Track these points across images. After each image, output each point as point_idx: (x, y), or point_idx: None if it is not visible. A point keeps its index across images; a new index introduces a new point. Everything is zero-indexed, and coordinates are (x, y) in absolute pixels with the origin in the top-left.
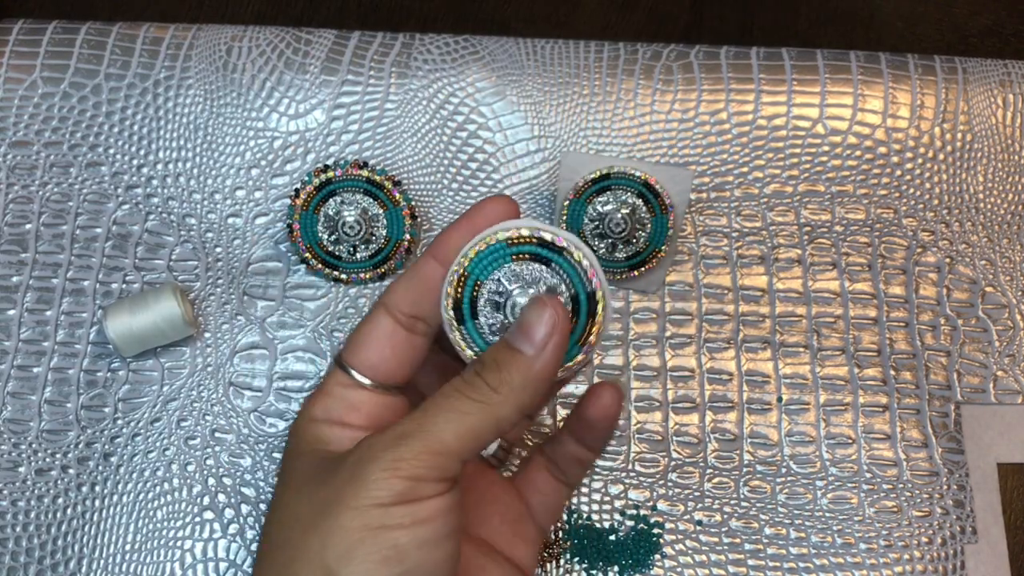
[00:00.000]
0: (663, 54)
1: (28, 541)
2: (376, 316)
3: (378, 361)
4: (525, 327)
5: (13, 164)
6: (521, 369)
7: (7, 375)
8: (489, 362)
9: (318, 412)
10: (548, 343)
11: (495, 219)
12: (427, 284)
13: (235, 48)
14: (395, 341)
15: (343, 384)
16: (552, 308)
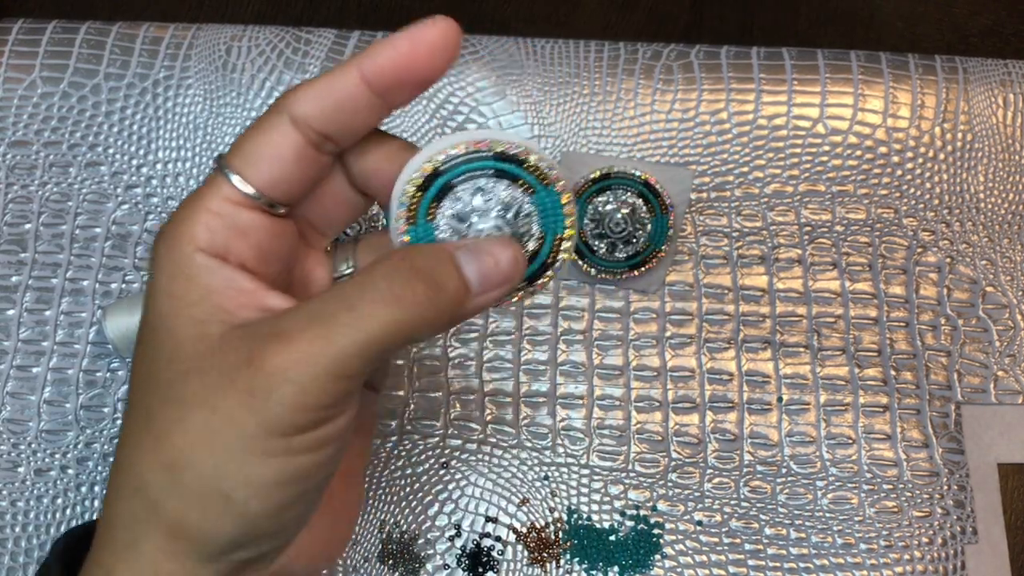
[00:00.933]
0: (663, 54)
1: (27, 541)
2: (280, 128)
3: (279, 178)
4: (486, 264)
5: (12, 164)
6: (457, 301)
7: (6, 375)
8: (426, 274)
9: (201, 235)
10: (491, 292)
11: (440, 47)
12: (346, 102)
13: (235, 48)
14: (301, 158)
15: (231, 200)
16: (516, 255)
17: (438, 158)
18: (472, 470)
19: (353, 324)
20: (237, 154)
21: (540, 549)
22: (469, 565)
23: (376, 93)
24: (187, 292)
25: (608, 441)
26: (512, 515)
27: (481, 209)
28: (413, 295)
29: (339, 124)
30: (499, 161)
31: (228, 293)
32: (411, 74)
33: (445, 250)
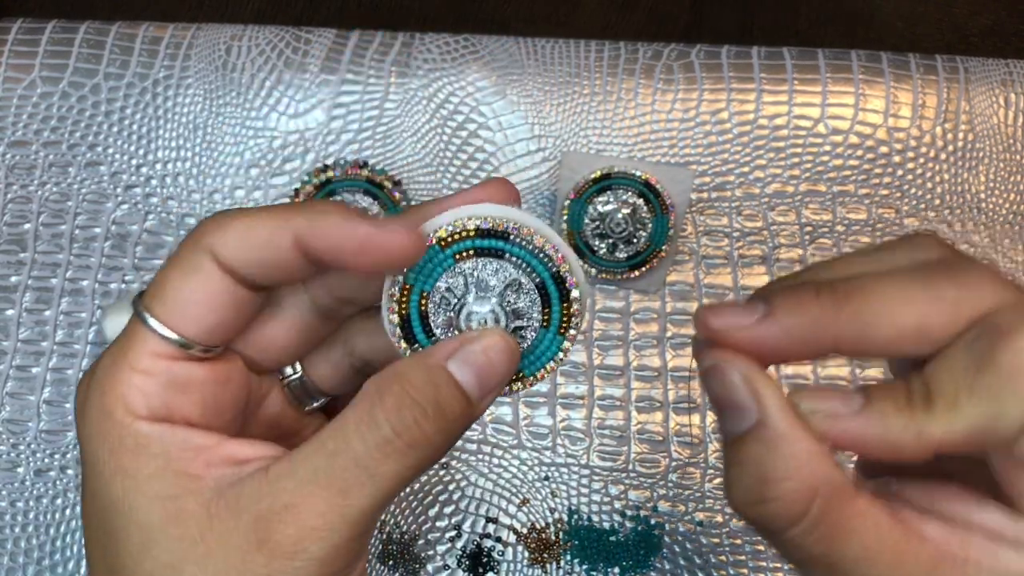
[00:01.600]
0: (664, 54)
1: (27, 542)
2: (203, 270)
3: (209, 323)
4: (483, 370)
5: (12, 164)
6: (466, 416)
7: (6, 375)
8: (433, 408)
9: (135, 400)
10: (493, 393)
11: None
12: (273, 258)
13: (235, 47)
14: (231, 299)
15: (163, 356)
16: (508, 346)
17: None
18: (472, 470)
19: (367, 483)
20: (158, 298)
21: (540, 550)
22: (469, 566)
23: (307, 260)
24: (140, 466)
25: (608, 441)
26: (512, 516)
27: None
28: (423, 435)
29: (265, 275)
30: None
31: (187, 455)
32: (348, 267)
33: (439, 367)
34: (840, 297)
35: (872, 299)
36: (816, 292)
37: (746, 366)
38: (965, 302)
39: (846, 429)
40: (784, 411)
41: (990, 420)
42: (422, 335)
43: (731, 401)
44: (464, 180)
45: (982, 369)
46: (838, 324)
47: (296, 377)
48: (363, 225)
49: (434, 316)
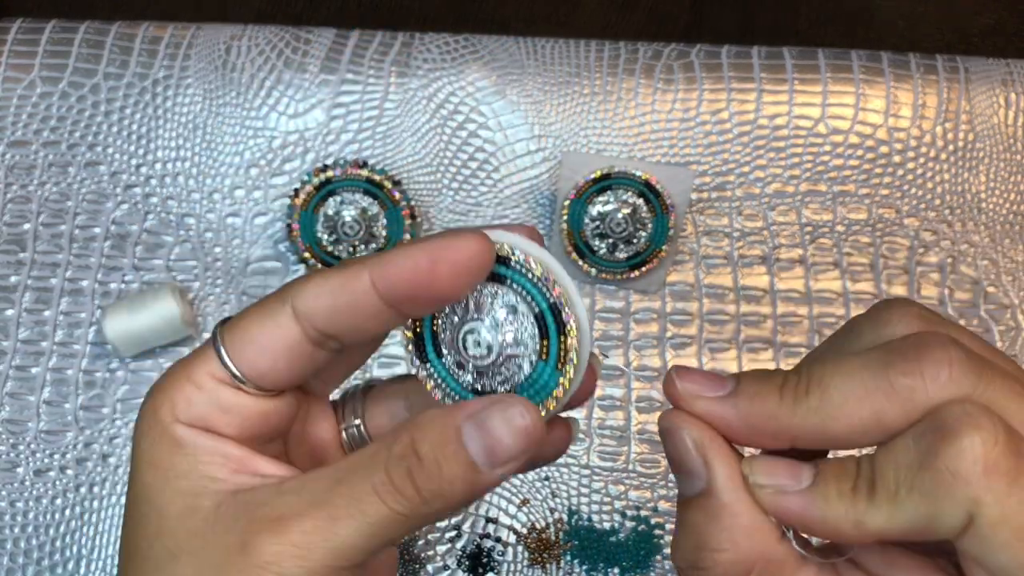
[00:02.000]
0: (664, 53)
1: (27, 542)
2: (279, 318)
3: (268, 370)
4: (494, 444)
5: (12, 164)
6: (467, 487)
7: (5, 375)
8: (430, 461)
9: (181, 406)
10: (507, 467)
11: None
12: (354, 306)
13: (234, 47)
14: (297, 354)
15: (218, 379)
16: (531, 425)
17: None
18: None
19: (356, 515)
20: (234, 332)
21: (540, 550)
22: (469, 566)
23: (387, 304)
24: (173, 463)
25: (609, 441)
26: (512, 516)
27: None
28: (413, 488)
29: (344, 326)
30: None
31: (216, 460)
32: (427, 292)
33: (454, 426)
34: (800, 392)
35: (828, 394)
36: (781, 384)
37: (699, 432)
38: (919, 393)
39: (789, 508)
40: (731, 481)
41: (928, 520)
42: (432, 352)
43: (682, 465)
44: (464, 180)
45: (923, 467)
46: (795, 420)
47: (356, 425)
48: (430, 244)
49: (442, 335)
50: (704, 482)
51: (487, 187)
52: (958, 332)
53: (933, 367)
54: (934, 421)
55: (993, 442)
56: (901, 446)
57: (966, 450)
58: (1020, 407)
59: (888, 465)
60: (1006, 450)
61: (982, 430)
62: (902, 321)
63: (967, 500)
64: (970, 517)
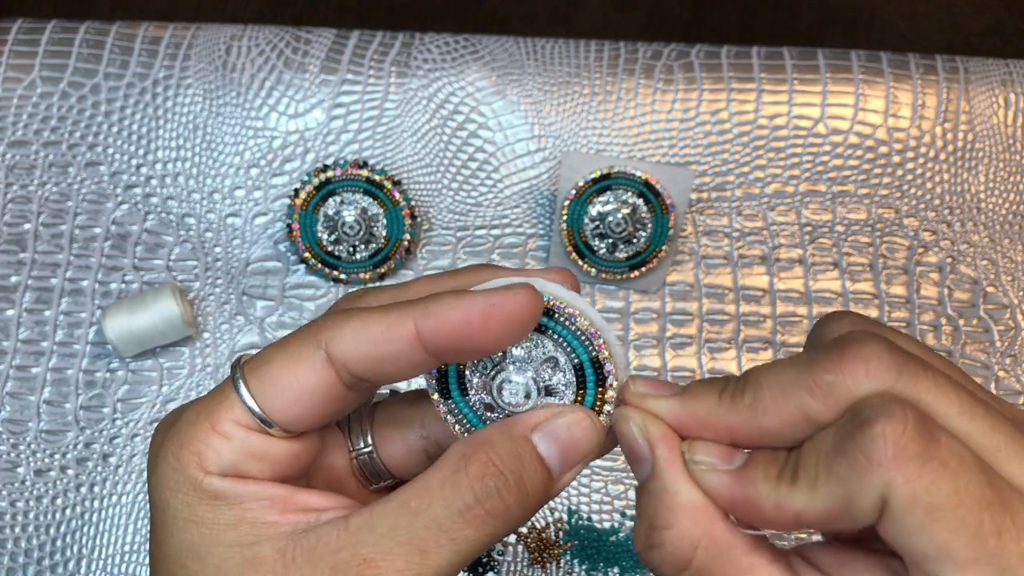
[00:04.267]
0: (664, 53)
1: (27, 542)
2: (313, 362)
3: (302, 415)
4: (569, 448)
5: (12, 164)
6: (546, 491)
7: (6, 375)
8: (515, 479)
9: (211, 459)
10: (574, 470)
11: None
12: (394, 355)
13: (234, 47)
14: (331, 398)
15: (245, 426)
16: (593, 424)
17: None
18: None
19: (447, 545)
20: (257, 373)
21: (540, 550)
22: (469, 566)
23: (429, 353)
24: (218, 517)
25: None
26: None
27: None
28: (504, 505)
29: (380, 372)
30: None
31: (262, 504)
32: (474, 344)
33: (524, 438)
34: (737, 392)
35: (760, 394)
36: (722, 387)
37: (643, 418)
38: (840, 387)
39: (716, 485)
40: (672, 463)
41: (843, 503)
42: (456, 390)
43: (630, 450)
44: (464, 180)
45: (839, 453)
46: (731, 417)
47: (366, 451)
48: (481, 296)
49: (471, 375)
50: (650, 465)
51: (487, 187)
52: (890, 332)
53: (853, 363)
54: (852, 413)
55: (903, 427)
56: (823, 436)
57: (878, 436)
58: (938, 399)
59: (810, 453)
60: (916, 435)
61: (893, 417)
62: (837, 328)
63: (879, 483)
64: (883, 500)
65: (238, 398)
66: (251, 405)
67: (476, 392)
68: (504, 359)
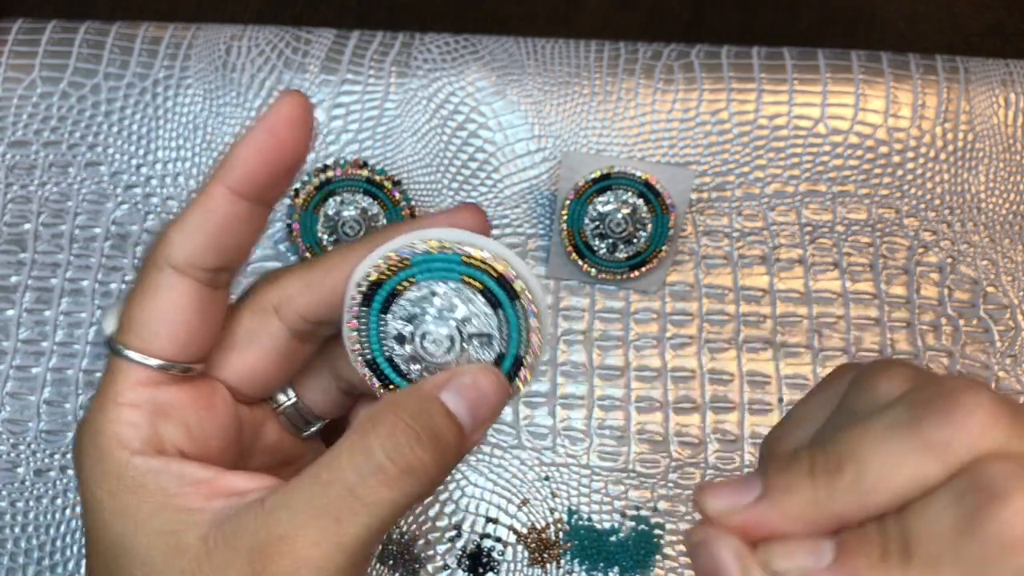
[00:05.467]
0: (664, 53)
1: (27, 542)
2: (161, 281)
3: (188, 336)
4: (476, 403)
5: (12, 164)
6: (459, 448)
7: (6, 375)
8: (428, 437)
9: (127, 434)
10: (485, 425)
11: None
12: (224, 224)
13: (234, 47)
14: (200, 305)
15: (143, 383)
16: (499, 380)
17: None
18: (472, 470)
19: (362, 511)
20: (129, 329)
21: (540, 550)
22: (469, 566)
23: (251, 199)
24: (141, 504)
25: (608, 441)
26: (512, 516)
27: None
28: (418, 461)
29: (224, 250)
30: (461, 266)
31: (186, 491)
32: (280, 160)
33: (432, 396)
34: (832, 471)
35: (864, 465)
36: (810, 469)
37: (738, 544)
38: (957, 445)
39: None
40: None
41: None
42: (377, 309)
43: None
44: (464, 180)
45: (968, 534)
46: (835, 499)
47: (290, 404)
48: (258, 123)
49: (402, 304)
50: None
51: (487, 187)
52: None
53: (966, 415)
54: (974, 479)
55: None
56: (938, 507)
57: (1015, 515)
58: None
59: (925, 528)
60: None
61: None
62: (893, 382)
63: (1018, 567)
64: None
65: (126, 361)
66: (140, 359)
67: (396, 344)
68: (424, 312)
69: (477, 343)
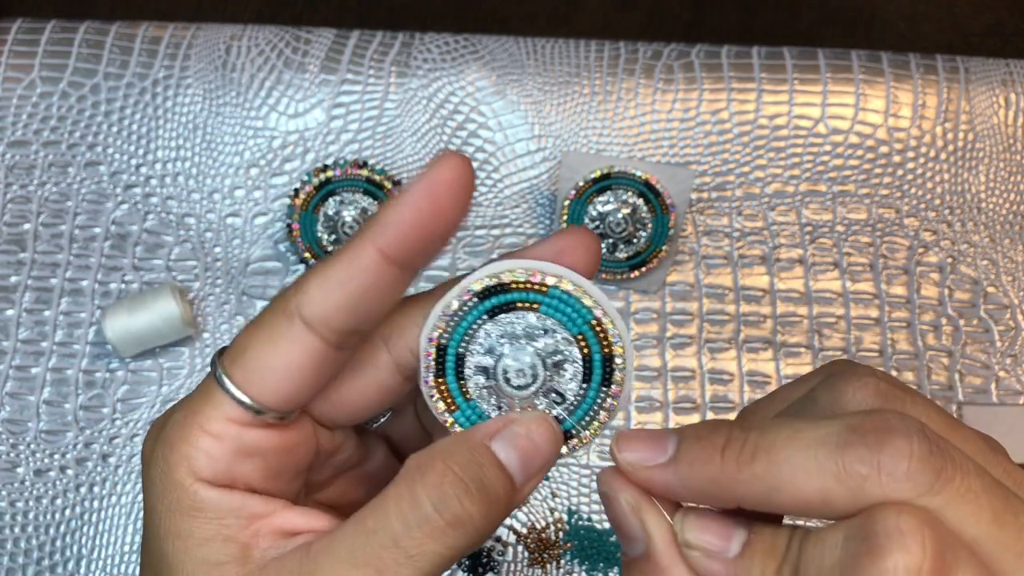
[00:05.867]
0: (664, 53)
1: (27, 542)
2: (287, 331)
3: (291, 392)
4: (528, 453)
5: (12, 164)
6: (508, 501)
7: (5, 375)
8: (475, 487)
9: (201, 463)
10: (537, 477)
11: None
12: (368, 288)
13: (234, 47)
14: (320, 364)
15: (236, 421)
16: (552, 430)
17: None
18: None
19: (405, 563)
20: (238, 362)
21: (540, 550)
22: (469, 566)
23: (400, 265)
24: (193, 529)
25: (608, 441)
26: (512, 516)
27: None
28: (469, 517)
29: (361, 314)
30: (486, 300)
31: (238, 524)
32: (438, 227)
33: (482, 445)
34: (745, 457)
35: (776, 464)
36: (723, 446)
37: (635, 496)
38: (871, 483)
39: (709, 571)
40: (668, 546)
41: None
42: (453, 377)
43: (621, 528)
44: None
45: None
46: (738, 485)
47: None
48: (417, 183)
49: (470, 369)
50: (643, 545)
51: (487, 187)
52: (923, 408)
53: (892, 459)
54: (867, 525)
55: (919, 564)
56: (831, 542)
57: (890, 571)
58: (970, 512)
59: (815, 559)
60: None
61: (909, 554)
62: (859, 393)
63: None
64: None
65: (224, 394)
66: (240, 397)
67: (475, 376)
68: (502, 346)
69: (558, 371)
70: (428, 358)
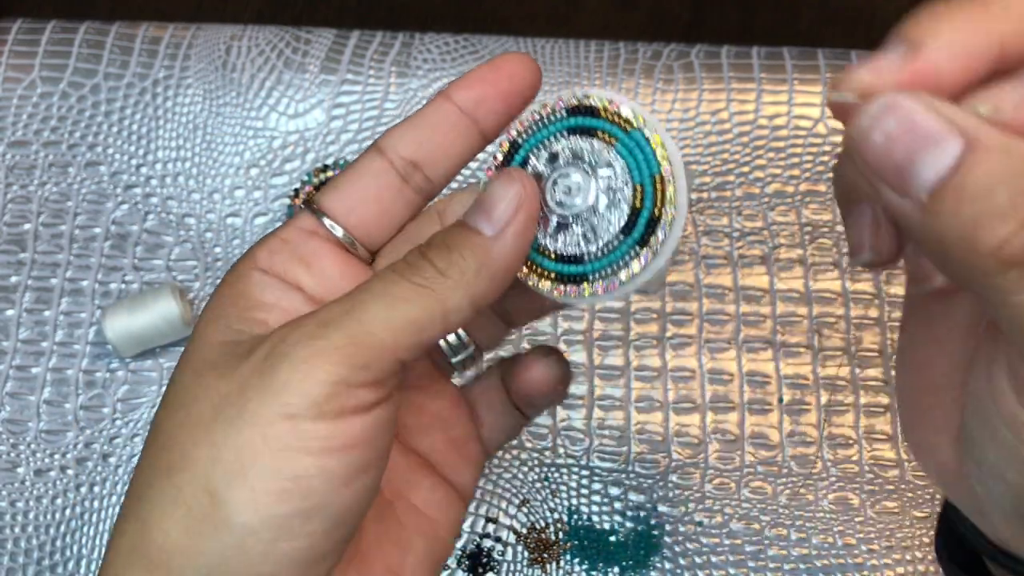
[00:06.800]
0: (664, 53)
1: (27, 542)
2: (366, 157)
3: (357, 204)
4: (485, 203)
5: (12, 164)
6: (477, 252)
7: (6, 375)
8: (438, 242)
9: (262, 256)
10: (511, 223)
11: (520, 82)
12: (436, 128)
13: (234, 47)
14: (382, 185)
15: (305, 229)
16: (520, 181)
17: (512, 134)
18: None
19: (386, 296)
20: (328, 194)
21: (540, 550)
22: (469, 566)
23: (470, 114)
24: (235, 303)
25: (608, 441)
26: (512, 516)
27: (557, 170)
28: (432, 268)
29: (423, 144)
30: (573, 117)
31: (274, 311)
32: (511, 89)
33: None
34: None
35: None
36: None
37: (928, 93)
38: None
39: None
40: (987, 124)
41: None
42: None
43: (921, 138)
44: (464, 180)
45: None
46: (996, 23)
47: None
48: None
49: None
50: (959, 141)
51: None
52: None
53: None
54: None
55: None
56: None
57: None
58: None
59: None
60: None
61: None
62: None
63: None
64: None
65: (308, 213)
66: (314, 207)
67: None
68: (565, 164)
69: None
70: (500, 148)
